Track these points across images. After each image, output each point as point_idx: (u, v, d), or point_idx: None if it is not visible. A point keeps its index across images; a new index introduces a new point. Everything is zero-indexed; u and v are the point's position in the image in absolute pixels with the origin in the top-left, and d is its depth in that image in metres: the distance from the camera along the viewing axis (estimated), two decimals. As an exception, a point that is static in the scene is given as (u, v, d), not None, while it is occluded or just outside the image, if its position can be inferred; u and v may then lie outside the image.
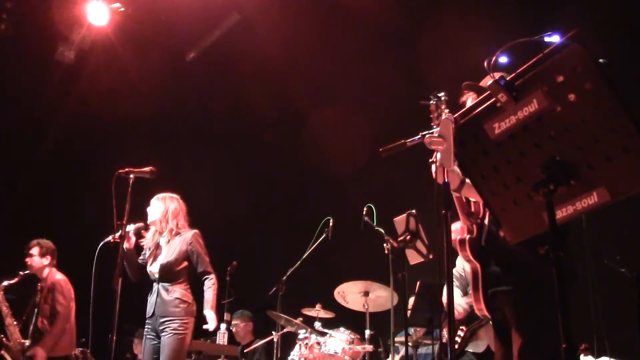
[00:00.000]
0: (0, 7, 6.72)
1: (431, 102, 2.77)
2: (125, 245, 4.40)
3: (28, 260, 5.72)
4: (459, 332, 4.27)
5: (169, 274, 4.50)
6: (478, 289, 2.68)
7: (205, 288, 4.57)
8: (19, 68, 7.16)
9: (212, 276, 4.60)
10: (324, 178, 7.58)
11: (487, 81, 2.79)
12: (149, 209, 4.70)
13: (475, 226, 2.76)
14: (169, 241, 4.62)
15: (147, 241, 4.68)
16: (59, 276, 5.77)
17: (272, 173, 8.31)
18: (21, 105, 7.61)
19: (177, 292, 4.44)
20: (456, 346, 3.93)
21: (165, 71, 7.61)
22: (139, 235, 4.62)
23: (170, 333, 4.32)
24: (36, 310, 5.61)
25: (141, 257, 4.69)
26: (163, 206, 4.66)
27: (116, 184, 3.94)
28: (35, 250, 5.72)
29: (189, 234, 4.62)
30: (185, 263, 4.55)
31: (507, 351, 2.67)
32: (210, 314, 4.52)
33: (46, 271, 5.75)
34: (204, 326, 4.56)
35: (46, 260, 5.74)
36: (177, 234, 4.62)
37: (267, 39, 7.04)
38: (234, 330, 6.70)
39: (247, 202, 8.15)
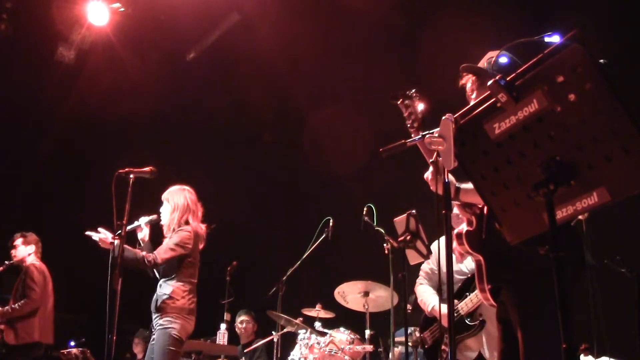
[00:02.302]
0: (0, 7, 6.73)
1: (399, 101, 2.78)
2: (140, 235, 4.47)
3: (13, 251, 5.87)
4: (446, 340, 4.19)
5: (160, 270, 4.45)
6: (483, 280, 2.67)
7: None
8: (19, 68, 7.18)
9: (152, 258, 4.21)
10: (324, 178, 7.58)
11: (485, 62, 2.81)
12: (161, 209, 4.63)
13: (474, 217, 2.75)
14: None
15: None
16: (34, 262, 5.87)
17: (272, 173, 8.30)
18: (21, 105, 7.62)
19: (168, 288, 4.35)
20: (445, 355, 3.88)
21: (165, 71, 7.62)
22: (152, 226, 4.51)
23: (157, 328, 4.29)
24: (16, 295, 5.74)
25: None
26: (170, 206, 4.56)
27: (116, 184, 3.94)
28: (19, 241, 5.87)
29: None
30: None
31: (509, 347, 2.66)
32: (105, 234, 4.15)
33: (29, 259, 5.87)
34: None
35: (30, 249, 5.88)
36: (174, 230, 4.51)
37: (267, 39, 7.03)
38: (242, 327, 6.67)
39: (247, 202, 8.15)
